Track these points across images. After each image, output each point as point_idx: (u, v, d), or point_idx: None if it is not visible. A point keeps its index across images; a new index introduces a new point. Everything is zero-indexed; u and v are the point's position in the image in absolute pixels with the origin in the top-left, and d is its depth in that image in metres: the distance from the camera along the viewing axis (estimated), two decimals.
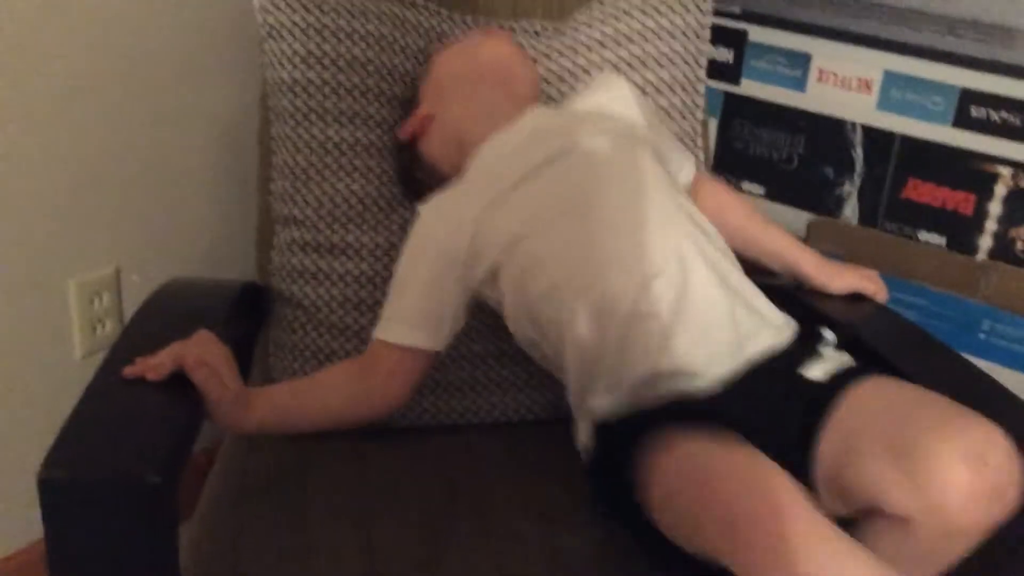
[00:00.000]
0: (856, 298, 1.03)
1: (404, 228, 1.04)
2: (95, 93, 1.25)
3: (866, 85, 1.25)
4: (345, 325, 1.05)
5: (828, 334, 0.88)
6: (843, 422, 0.77)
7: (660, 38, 1.12)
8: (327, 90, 1.04)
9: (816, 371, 0.84)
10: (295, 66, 1.04)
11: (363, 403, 0.95)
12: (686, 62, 1.13)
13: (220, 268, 1.42)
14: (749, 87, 1.34)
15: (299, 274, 1.06)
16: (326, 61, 1.04)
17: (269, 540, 0.90)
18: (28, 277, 1.25)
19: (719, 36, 1.24)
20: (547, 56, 1.11)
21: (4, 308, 1.23)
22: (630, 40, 1.12)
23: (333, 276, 1.05)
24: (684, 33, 1.13)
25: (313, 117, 1.04)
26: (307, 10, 1.05)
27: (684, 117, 1.13)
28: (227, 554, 0.88)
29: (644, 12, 1.13)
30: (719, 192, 1.05)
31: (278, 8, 1.05)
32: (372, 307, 1.04)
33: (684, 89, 1.13)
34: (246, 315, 1.06)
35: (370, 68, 1.05)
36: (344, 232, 1.04)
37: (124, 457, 0.70)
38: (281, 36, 1.04)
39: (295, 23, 1.04)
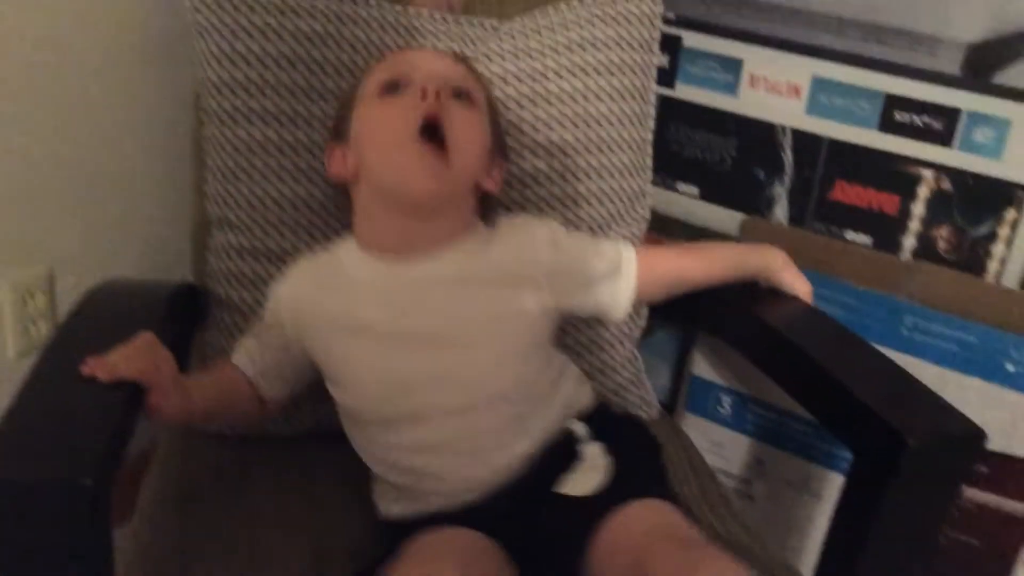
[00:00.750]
0: (779, 296, 1.06)
1: (339, 231, 1.05)
2: (29, 92, 1.24)
3: (795, 90, 1.28)
4: None
5: (580, 429, 0.92)
6: (600, 547, 0.79)
7: (610, 48, 1.13)
8: (253, 89, 1.03)
9: (575, 485, 0.86)
10: (222, 65, 1.04)
11: (253, 406, 0.97)
12: (634, 72, 1.14)
13: (156, 270, 1.41)
14: (683, 91, 1.37)
15: (235, 278, 1.06)
16: (252, 59, 1.03)
17: (216, 541, 0.91)
18: None
19: None
20: (488, 58, 1.11)
21: None
22: (581, 47, 1.12)
23: (269, 281, 1.05)
24: (632, 45, 1.14)
25: (239, 117, 1.04)
26: (236, 9, 1.04)
27: (634, 125, 1.14)
28: (174, 555, 0.89)
29: (592, 23, 1.13)
30: (666, 263, 1.05)
31: (207, 7, 1.05)
32: None
33: (634, 97, 1.14)
34: (181, 317, 1.06)
35: (299, 65, 1.04)
36: (279, 237, 1.05)
37: (56, 458, 0.70)
38: (209, 35, 1.04)
39: (223, 22, 1.04)
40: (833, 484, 1.32)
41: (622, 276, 1.00)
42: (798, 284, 1.07)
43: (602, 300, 1.00)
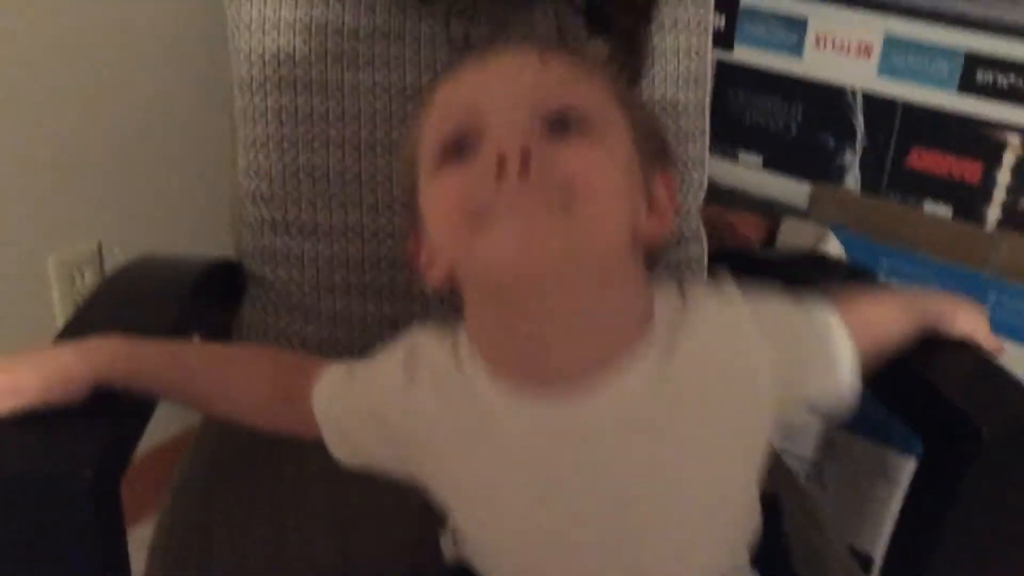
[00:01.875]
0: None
1: (375, 207, 1.00)
2: (73, 70, 1.23)
3: (866, 50, 1.20)
4: (318, 310, 1.02)
5: None
6: None
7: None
8: (284, 56, 0.99)
9: None
10: (252, 33, 1.00)
11: (266, 417, 0.76)
12: (689, 29, 1.07)
13: (204, 243, 1.39)
14: (743, 54, 1.29)
15: (270, 255, 1.02)
16: (281, 26, 0.99)
17: (241, 529, 0.87)
18: (6, 254, 1.24)
19: None
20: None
21: None
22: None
23: (304, 258, 1.01)
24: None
25: (269, 86, 0.99)
26: None
27: (689, 86, 1.08)
28: (196, 541, 0.86)
29: None
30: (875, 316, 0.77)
31: None
32: (346, 291, 1.01)
33: (689, 56, 1.07)
34: (215, 294, 1.03)
35: (330, 31, 1.00)
36: (312, 211, 1.00)
37: (57, 451, 0.67)
38: (240, 2, 1.00)
39: None
40: (907, 468, 1.24)
41: (835, 343, 0.68)
42: (978, 327, 0.83)
43: (824, 388, 0.68)
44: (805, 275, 1.05)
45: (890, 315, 0.77)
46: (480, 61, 0.63)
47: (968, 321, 0.83)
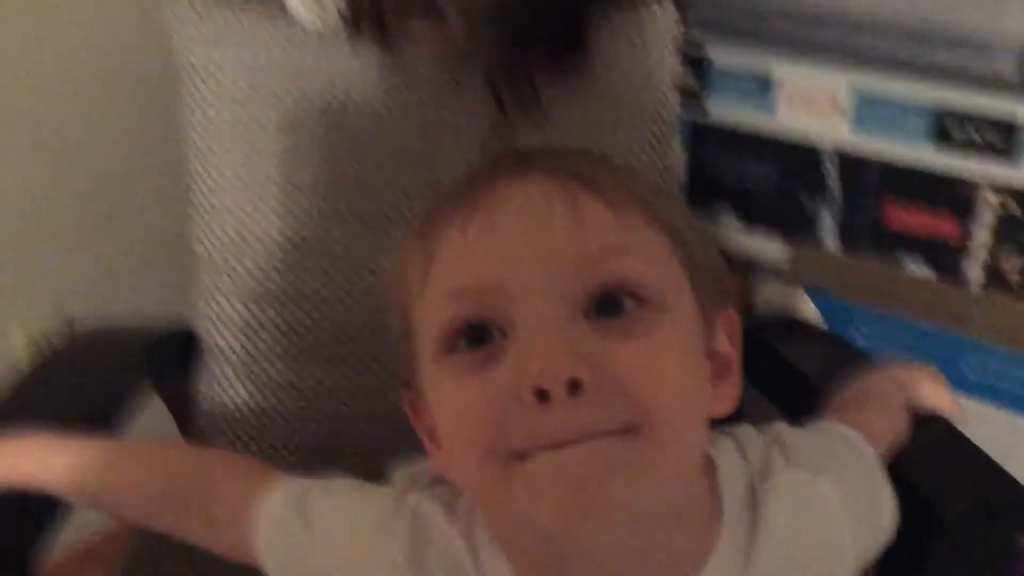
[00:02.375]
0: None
1: (331, 274, 0.98)
2: (36, 134, 1.22)
3: (836, 105, 1.17)
4: (276, 382, 0.99)
5: None
6: None
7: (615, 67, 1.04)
8: (239, 126, 0.98)
9: None
10: (208, 102, 0.99)
11: (184, 528, 0.64)
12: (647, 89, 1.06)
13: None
14: (716, 114, 1.27)
15: (224, 323, 1.00)
16: (237, 95, 0.98)
17: None
18: None
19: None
20: None
21: None
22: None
23: (262, 328, 0.99)
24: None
25: (220, 151, 0.98)
26: (223, 50, 0.99)
27: (653, 149, 1.06)
28: None
29: None
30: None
31: (197, 46, 1.00)
32: (311, 360, 0.99)
33: (652, 120, 1.05)
34: (173, 362, 1.01)
35: (287, 100, 0.99)
36: (267, 281, 0.98)
37: None
38: (196, 74, 1.00)
39: (211, 60, 0.99)
40: None
41: (879, 485, 0.63)
42: (938, 400, 0.79)
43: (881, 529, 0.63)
44: (784, 340, 1.01)
45: (897, 422, 0.72)
46: (493, 204, 0.47)
47: (931, 393, 0.79)
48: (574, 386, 0.43)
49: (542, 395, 0.43)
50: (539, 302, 0.45)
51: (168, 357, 1.02)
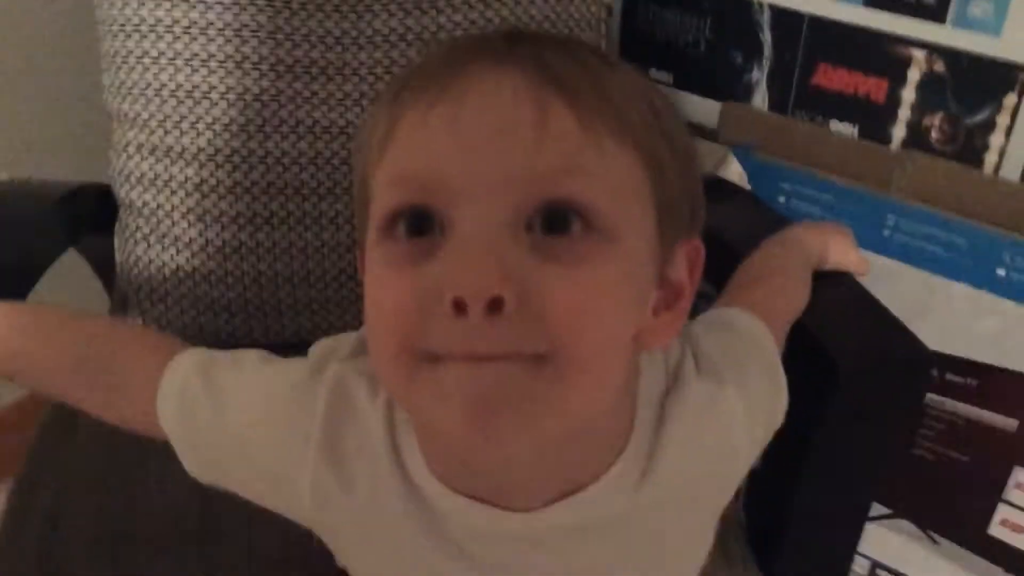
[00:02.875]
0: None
1: (246, 128, 0.95)
2: None
3: None
4: (188, 238, 0.98)
5: None
6: None
7: None
8: None
9: None
10: None
11: (94, 401, 0.63)
12: None
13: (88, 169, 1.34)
14: None
15: (135, 178, 0.98)
16: None
17: (101, 485, 0.84)
18: None
19: None
20: None
21: None
22: None
23: (172, 183, 0.97)
24: None
25: None
26: None
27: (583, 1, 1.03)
28: (53, 487, 0.83)
29: None
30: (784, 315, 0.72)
31: None
32: (216, 219, 0.97)
33: None
34: (79, 220, 0.99)
35: None
36: (179, 133, 0.95)
37: None
38: None
39: None
40: None
41: (779, 377, 0.63)
42: (845, 262, 0.82)
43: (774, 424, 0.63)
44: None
45: (799, 292, 0.73)
46: (461, 94, 0.45)
47: (838, 250, 0.80)
48: (495, 305, 0.42)
49: (460, 307, 0.42)
50: (482, 208, 0.43)
51: (86, 213, 0.99)
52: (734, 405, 0.56)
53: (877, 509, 1.19)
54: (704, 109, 1.27)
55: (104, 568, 0.77)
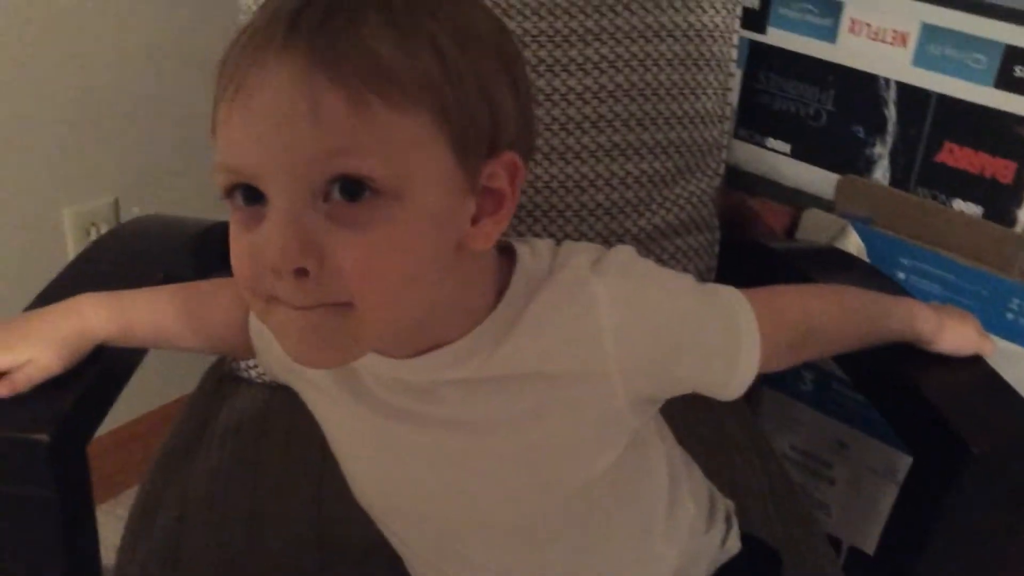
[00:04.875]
0: None
1: None
2: (95, 26, 1.22)
3: (902, 38, 1.15)
4: None
5: None
6: None
7: None
8: None
9: None
10: None
11: (234, 344, 0.77)
12: (714, 8, 1.04)
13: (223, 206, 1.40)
14: (775, 36, 1.24)
15: None
16: None
17: (220, 503, 0.87)
18: (24, 205, 1.25)
19: None
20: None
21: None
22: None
23: None
24: None
25: None
26: None
27: (710, 68, 1.05)
28: (174, 517, 0.85)
29: None
30: (792, 309, 0.72)
31: None
32: None
33: (713, 38, 1.04)
34: (212, 256, 1.03)
35: None
36: None
37: (15, 414, 0.67)
38: None
39: None
40: None
41: (739, 359, 0.65)
42: (965, 345, 0.80)
43: (711, 381, 0.66)
44: (820, 270, 1.02)
45: (811, 303, 0.73)
46: (253, 90, 0.52)
47: (954, 339, 0.79)
48: (300, 272, 0.52)
49: (277, 273, 0.52)
50: (281, 188, 0.52)
51: (218, 250, 1.03)
52: (596, 289, 0.60)
53: None
54: (821, 180, 1.27)
55: None
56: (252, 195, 0.53)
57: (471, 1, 0.58)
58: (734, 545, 0.77)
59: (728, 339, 0.65)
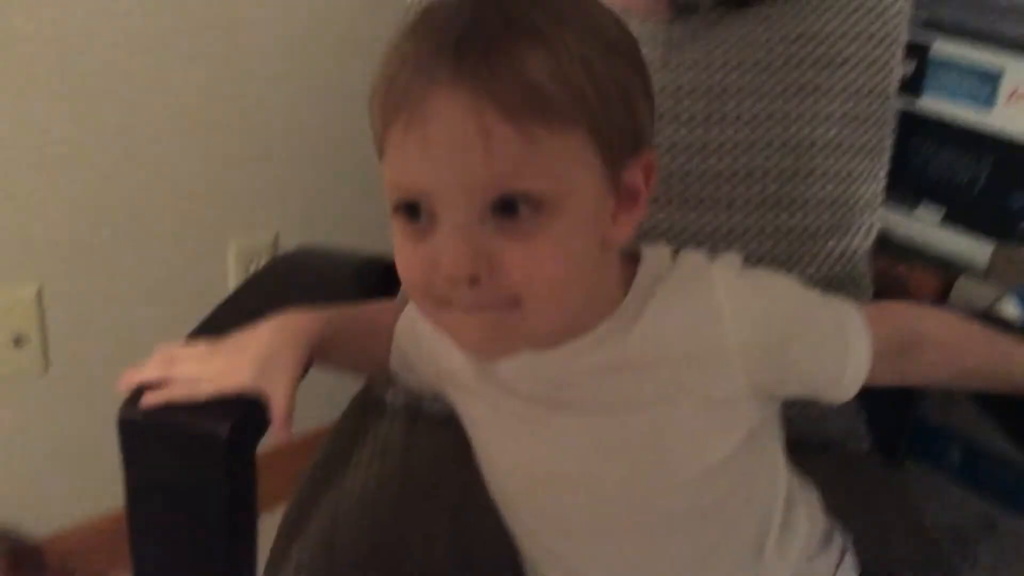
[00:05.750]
0: None
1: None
2: (263, 68, 1.30)
3: None
4: None
5: None
6: None
7: (847, 40, 1.04)
8: None
9: None
10: None
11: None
12: (875, 67, 1.05)
13: (379, 240, 1.45)
14: (930, 103, 1.24)
15: None
16: None
17: (368, 527, 0.89)
18: (191, 238, 1.32)
19: None
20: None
21: (169, 266, 1.30)
22: (812, 38, 1.03)
23: None
24: (872, 38, 1.05)
25: None
26: None
27: (868, 126, 1.05)
28: (325, 530, 0.88)
29: (825, 13, 1.05)
30: (900, 314, 0.75)
31: None
32: None
33: (872, 94, 1.04)
34: (367, 289, 1.07)
35: None
36: None
37: (200, 412, 0.72)
38: None
39: None
40: None
41: (850, 350, 0.69)
42: None
43: (824, 374, 0.69)
44: None
45: (936, 322, 0.75)
46: (426, 118, 0.57)
47: None
48: (473, 280, 0.58)
49: (451, 281, 0.59)
50: (454, 207, 0.58)
51: (375, 282, 1.07)
52: (714, 275, 0.67)
53: None
54: (973, 247, 1.25)
55: None
56: (417, 212, 0.60)
57: (600, 7, 0.63)
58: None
59: (838, 331, 0.69)
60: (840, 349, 0.68)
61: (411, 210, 0.60)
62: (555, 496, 0.72)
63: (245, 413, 0.73)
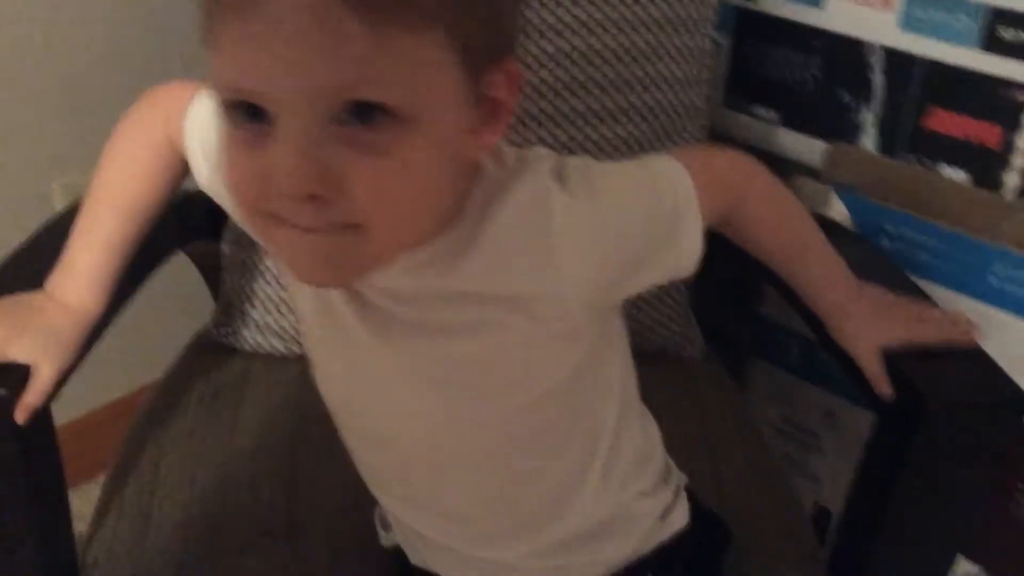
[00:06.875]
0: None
1: None
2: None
3: (887, 2, 1.13)
4: None
5: None
6: None
7: None
8: None
9: None
10: None
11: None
12: None
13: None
14: (763, 3, 1.23)
15: None
16: None
17: (190, 480, 0.88)
18: (16, 178, 1.27)
19: None
20: None
21: None
22: None
23: None
24: None
25: None
26: None
27: (687, 30, 1.04)
28: (145, 494, 0.86)
29: None
30: (725, 169, 0.75)
31: None
32: None
33: None
34: (190, 225, 1.03)
35: None
36: None
37: None
38: None
39: None
40: None
41: (686, 236, 0.66)
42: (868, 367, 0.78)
43: (665, 274, 0.68)
44: None
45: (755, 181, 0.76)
46: (264, 10, 0.49)
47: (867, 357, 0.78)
48: (312, 196, 0.51)
49: (288, 199, 0.52)
50: (296, 112, 0.50)
51: (195, 219, 1.04)
52: (554, 206, 0.60)
53: (966, 567, 1.16)
54: (810, 148, 1.26)
55: (195, 567, 0.80)
56: (253, 113, 0.52)
57: None
58: (679, 520, 0.75)
59: (673, 225, 0.66)
60: (676, 244, 0.66)
61: (245, 110, 0.52)
62: (373, 420, 0.69)
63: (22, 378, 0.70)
